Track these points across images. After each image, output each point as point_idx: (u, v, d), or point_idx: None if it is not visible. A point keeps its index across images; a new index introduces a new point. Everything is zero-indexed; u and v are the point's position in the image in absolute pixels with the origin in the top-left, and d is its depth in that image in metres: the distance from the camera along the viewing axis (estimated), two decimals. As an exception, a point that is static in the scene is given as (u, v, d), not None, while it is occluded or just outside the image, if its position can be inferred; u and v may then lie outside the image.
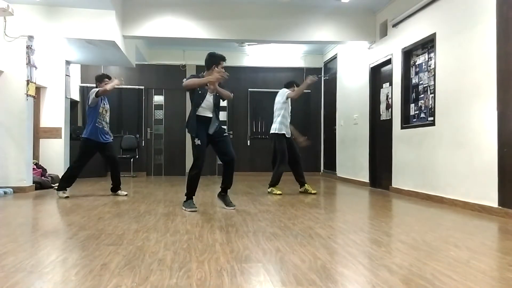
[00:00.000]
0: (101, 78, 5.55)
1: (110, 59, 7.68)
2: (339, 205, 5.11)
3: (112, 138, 5.76)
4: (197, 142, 4.29)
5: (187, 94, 10.30)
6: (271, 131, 6.01)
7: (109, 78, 5.57)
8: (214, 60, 4.34)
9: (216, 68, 4.27)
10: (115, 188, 5.68)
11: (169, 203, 4.89)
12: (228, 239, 2.93)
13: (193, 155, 4.41)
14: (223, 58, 4.36)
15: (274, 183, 5.91)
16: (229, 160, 4.46)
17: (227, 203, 4.48)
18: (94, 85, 5.55)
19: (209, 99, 4.34)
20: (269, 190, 5.92)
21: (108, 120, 5.69)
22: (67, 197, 5.31)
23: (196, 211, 4.21)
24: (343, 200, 5.48)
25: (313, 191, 5.87)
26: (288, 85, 6.20)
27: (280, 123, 5.92)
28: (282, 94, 6.07)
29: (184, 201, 4.42)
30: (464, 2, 4.69)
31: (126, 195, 5.61)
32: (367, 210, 4.82)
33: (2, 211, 4.40)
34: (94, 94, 5.37)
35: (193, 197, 4.44)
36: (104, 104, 5.61)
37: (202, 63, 4.07)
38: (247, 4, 6.78)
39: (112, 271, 2.15)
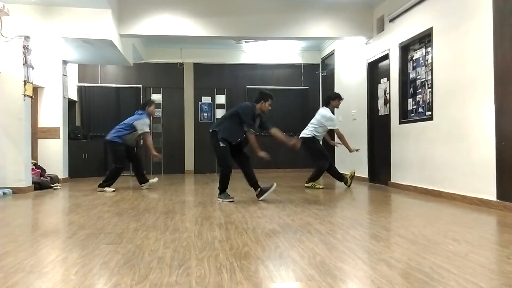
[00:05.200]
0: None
1: (107, 58, 7.67)
2: (338, 200, 5.12)
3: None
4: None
5: (185, 92, 10.25)
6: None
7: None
8: (263, 97, 4.97)
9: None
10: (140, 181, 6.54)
11: (168, 201, 4.89)
12: (228, 236, 2.94)
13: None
14: (271, 97, 5.02)
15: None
16: None
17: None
18: (92, 84, 5.59)
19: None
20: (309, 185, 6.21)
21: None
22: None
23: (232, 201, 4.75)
24: (342, 195, 5.49)
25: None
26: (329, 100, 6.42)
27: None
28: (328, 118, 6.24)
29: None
30: (460, -4, 4.69)
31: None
32: (366, 205, 4.83)
33: (1, 211, 4.40)
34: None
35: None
36: None
37: (199, 61, 4.13)
38: (244, 1, 6.77)
39: (112, 270, 2.15)
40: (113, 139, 6.14)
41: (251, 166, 4.95)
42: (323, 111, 6.31)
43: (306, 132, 6.27)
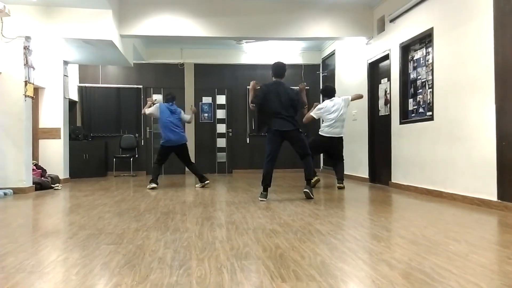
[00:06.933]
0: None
1: (108, 59, 7.68)
2: (338, 201, 5.11)
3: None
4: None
5: (185, 92, 10.25)
6: (342, 135, 6.29)
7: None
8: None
9: None
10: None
11: (169, 201, 4.89)
12: (228, 237, 2.94)
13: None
14: None
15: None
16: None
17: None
18: (93, 85, 5.60)
19: None
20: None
21: None
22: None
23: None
24: (343, 196, 5.48)
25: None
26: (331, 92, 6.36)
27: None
28: (344, 101, 6.22)
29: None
30: (461, -4, 4.69)
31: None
32: (366, 205, 4.83)
33: (2, 212, 4.41)
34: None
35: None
36: None
37: (200, 61, 4.13)
38: (244, 1, 6.77)
39: (112, 270, 2.15)
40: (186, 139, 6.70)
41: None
42: (340, 101, 6.20)
43: (343, 131, 6.29)
